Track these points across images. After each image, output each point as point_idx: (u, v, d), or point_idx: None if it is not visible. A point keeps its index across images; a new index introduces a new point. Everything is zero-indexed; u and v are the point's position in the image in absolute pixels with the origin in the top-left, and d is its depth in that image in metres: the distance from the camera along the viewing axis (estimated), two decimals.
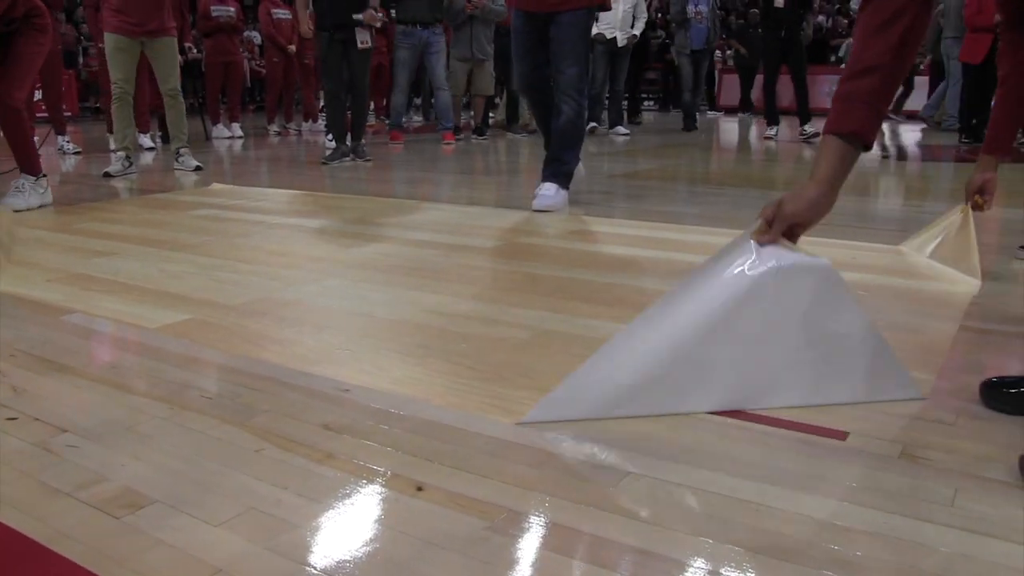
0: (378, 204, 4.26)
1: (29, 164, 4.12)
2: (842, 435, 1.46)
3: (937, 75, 9.71)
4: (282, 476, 1.32)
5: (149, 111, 7.70)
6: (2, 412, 1.58)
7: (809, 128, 8.12)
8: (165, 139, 8.45)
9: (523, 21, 3.98)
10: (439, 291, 2.44)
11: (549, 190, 3.96)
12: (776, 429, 1.48)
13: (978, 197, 2.57)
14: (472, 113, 9.23)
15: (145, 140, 7.71)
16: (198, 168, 5.83)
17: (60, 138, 7.31)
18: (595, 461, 1.37)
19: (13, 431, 1.49)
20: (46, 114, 7.63)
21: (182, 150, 5.89)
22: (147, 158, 7.15)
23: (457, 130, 8.41)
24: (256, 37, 14.59)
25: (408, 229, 3.48)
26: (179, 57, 5.88)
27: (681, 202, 4.39)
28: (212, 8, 8.71)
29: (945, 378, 1.72)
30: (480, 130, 8.79)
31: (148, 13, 5.38)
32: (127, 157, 5.59)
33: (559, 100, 3.94)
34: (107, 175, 5.50)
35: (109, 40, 5.43)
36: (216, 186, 5.04)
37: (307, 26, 6.16)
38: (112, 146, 7.34)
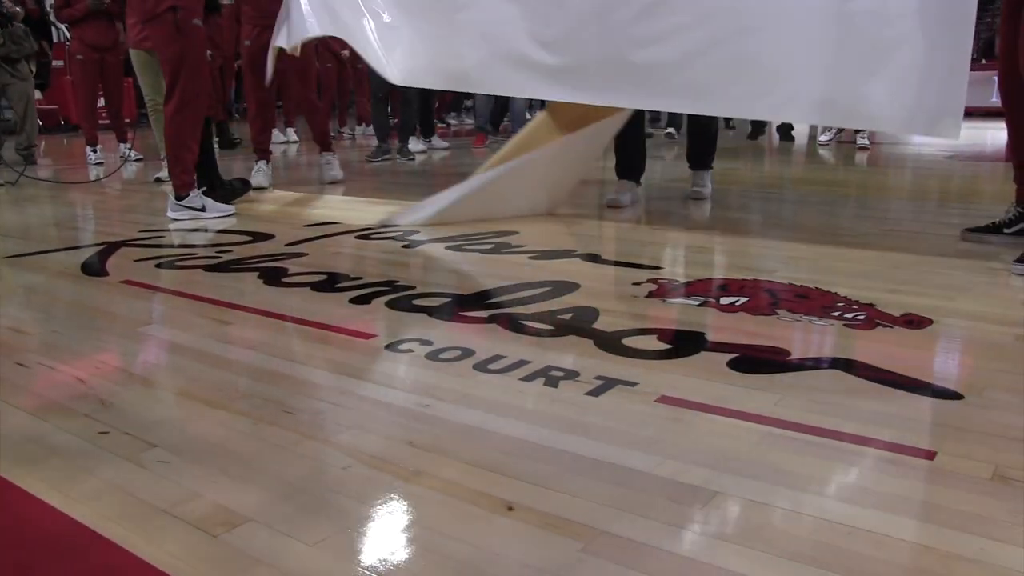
0: None
1: None
2: (930, 455, 1.44)
3: None
4: (371, 494, 1.33)
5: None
6: (94, 426, 1.61)
7: (863, 139, 7.44)
8: (221, 145, 8.60)
9: None
10: None
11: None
12: (862, 447, 1.47)
13: None
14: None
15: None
16: None
17: (122, 145, 7.44)
18: (681, 479, 1.36)
19: (106, 445, 1.53)
20: (108, 121, 7.76)
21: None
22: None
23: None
24: None
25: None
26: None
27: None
28: None
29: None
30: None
31: None
32: None
33: None
34: (158, 180, 5.61)
35: (133, 56, 5.52)
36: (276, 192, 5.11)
37: None
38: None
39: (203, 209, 4.23)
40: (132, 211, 4.71)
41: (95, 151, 7.31)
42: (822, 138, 7.82)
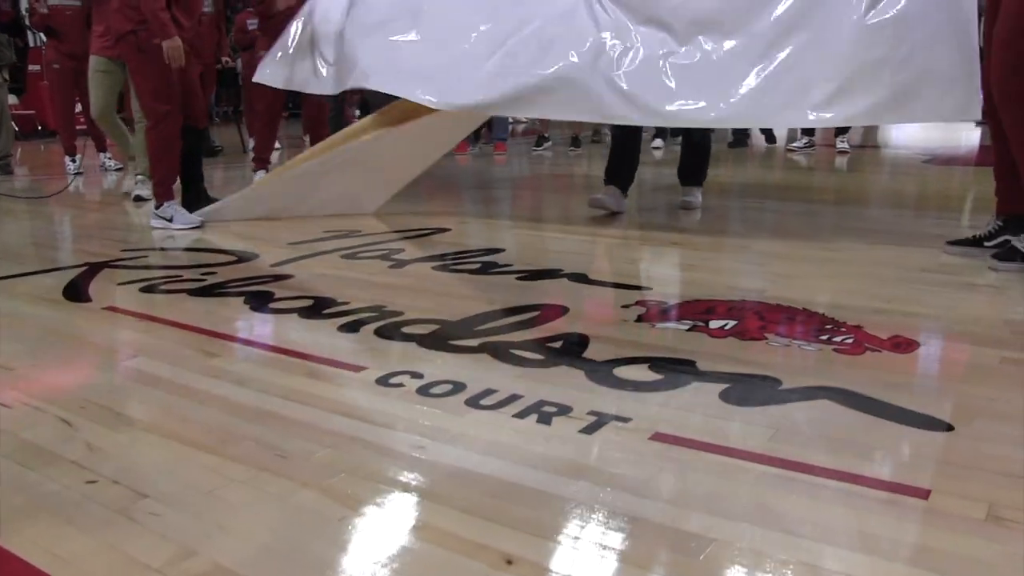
0: None
1: None
2: (925, 493, 1.44)
3: None
4: (369, 549, 1.32)
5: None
6: (82, 474, 1.59)
7: (844, 142, 7.34)
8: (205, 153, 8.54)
9: None
10: None
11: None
12: (858, 487, 1.47)
13: None
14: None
15: None
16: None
17: (101, 155, 7.35)
18: (681, 526, 1.36)
19: (95, 496, 1.51)
20: (86, 126, 7.64)
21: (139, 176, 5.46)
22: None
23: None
24: None
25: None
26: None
27: None
28: (248, 21, 8.73)
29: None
30: (576, 141, 8.58)
31: None
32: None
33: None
34: (139, 199, 5.37)
35: (92, 62, 5.49)
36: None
37: None
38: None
39: (171, 220, 4.34)
40: (113, 227, 4.68)
41: (74, 160, 7.23)
42: (795, 144, 7.76)
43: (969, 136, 8.84)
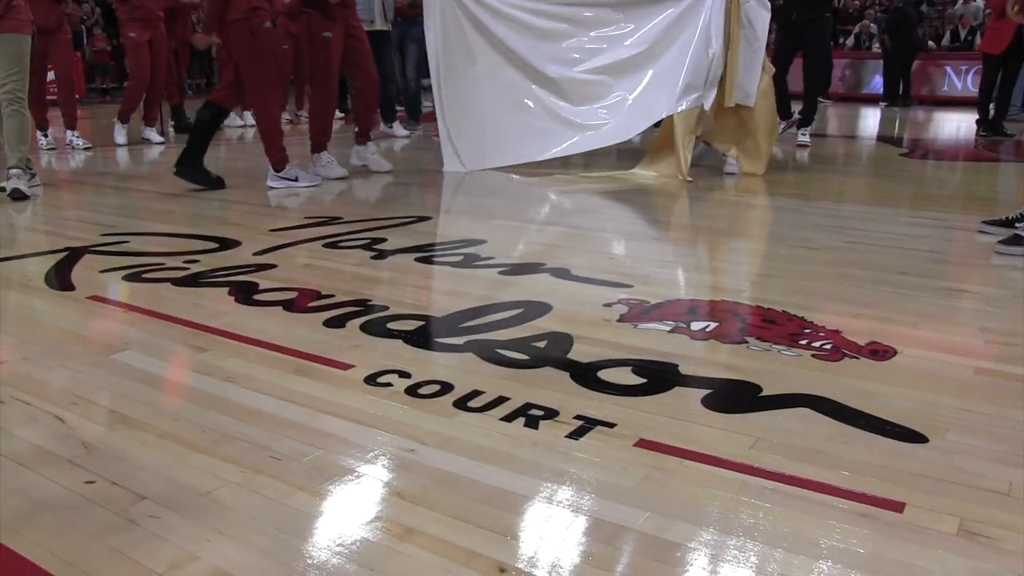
0: None
1: None
2: (900, 506, 1.50)
3: None
4: (366, 555, 1.36)
5: (159, 103, 7.71)
6: (79, 474, 1.62)
7: (804, 136, 7.06)
8: (177, 129, 8.48)
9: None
10: None
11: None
12: (834, 499, 1.53)
13: None
14: None
15: (152, 135, 7.69)
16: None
17: (69, 132, 7.22)
18: (664, 536, 1.41)
19: (94, 497, 1.54)
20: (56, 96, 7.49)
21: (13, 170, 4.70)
22: (154, 152, 7.17)
23: None
24: None
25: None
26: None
27: None
28: None
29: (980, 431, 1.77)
30: None
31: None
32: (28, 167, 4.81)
33: None
34: (18, 195, 4.64)
35: None
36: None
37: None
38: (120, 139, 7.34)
39: (296, 179, 5.04)
40: (89, 208, 4.65)
41: (45, 136, 7.13)
42: None
43: (948, 128, 8.95)
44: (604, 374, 2.12)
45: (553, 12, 5.53)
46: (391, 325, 2.51)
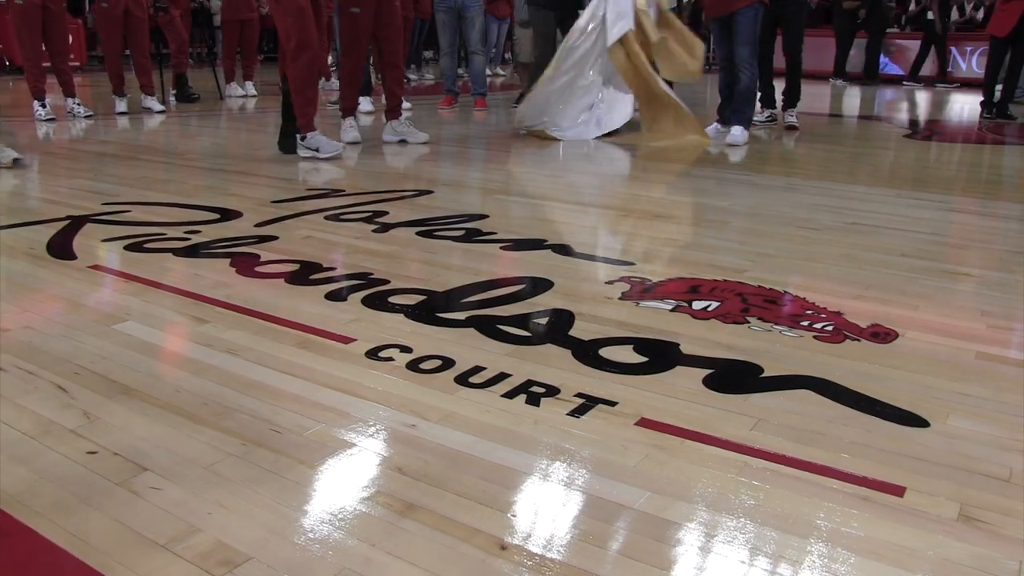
0: None
1: None
2: (900, 491, 1.51)
3: None
4: (367, 530, 1.37)
5: (149, 71, 7.61)
6: (82, 444, 1.62)
7: (792, 116, 6.87)
8: (179, 98, 8.43)
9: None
10: None
11: (739, 131, 5.99)
12: (835, 481, 1.53)
13: None
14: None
15: (153, 103, 7.62)
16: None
17: (69, 100, 7.14)
18: (665, 515, 1.42)
19: (96, 467, 1.54)
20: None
21: None
22: (155, 122, 7.14)
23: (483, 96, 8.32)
24: None
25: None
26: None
27: None
28: None
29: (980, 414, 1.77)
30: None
31: None
32: None
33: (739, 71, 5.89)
34: None
35: None
36: None
37: None
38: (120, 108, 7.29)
39: (318, 150, 5.04)
40: (90, 177, 4.62)
41: (44, 105, 7.00)
42: (757, 119, 7.39)
43: (954, 109, 8.91)
44: (606, 352, 2.12)
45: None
46: (393, 299, 2.51)
